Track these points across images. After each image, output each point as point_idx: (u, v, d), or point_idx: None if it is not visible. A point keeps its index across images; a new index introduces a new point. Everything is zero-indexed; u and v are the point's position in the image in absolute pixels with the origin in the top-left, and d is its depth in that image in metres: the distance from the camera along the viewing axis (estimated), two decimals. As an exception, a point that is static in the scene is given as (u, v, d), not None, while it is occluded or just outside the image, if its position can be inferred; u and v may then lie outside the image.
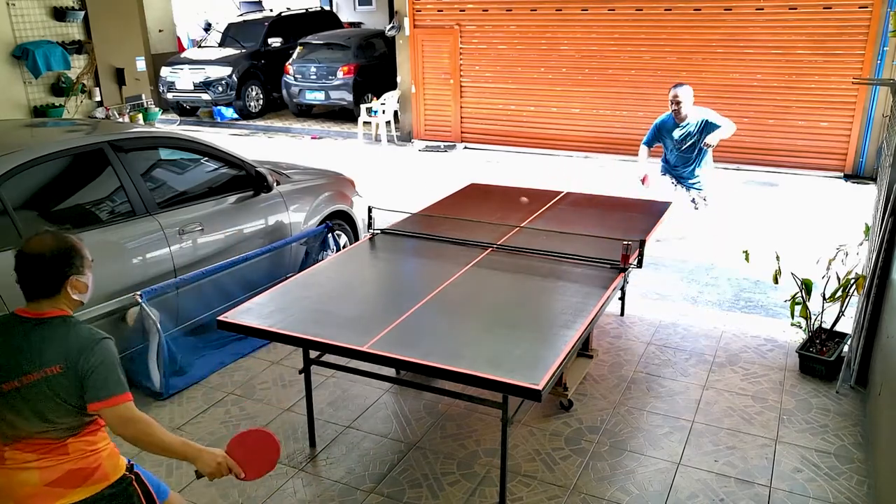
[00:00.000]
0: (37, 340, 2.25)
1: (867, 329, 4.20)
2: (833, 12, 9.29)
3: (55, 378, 2.21)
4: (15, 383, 2.23)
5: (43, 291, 2.28)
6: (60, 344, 2.24)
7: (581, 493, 3.44)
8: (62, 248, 2.31)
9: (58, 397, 2.22)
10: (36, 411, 2.23)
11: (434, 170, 10.77)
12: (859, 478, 3.51)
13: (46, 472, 2.25)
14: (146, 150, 4.71)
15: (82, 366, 2.22)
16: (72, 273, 2.31)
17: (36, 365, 2.22)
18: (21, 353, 2.24)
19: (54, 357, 2.22)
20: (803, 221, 7.85)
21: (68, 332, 2.27)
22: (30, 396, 2.22)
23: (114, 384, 2.24)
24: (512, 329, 3.38)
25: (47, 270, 2.27)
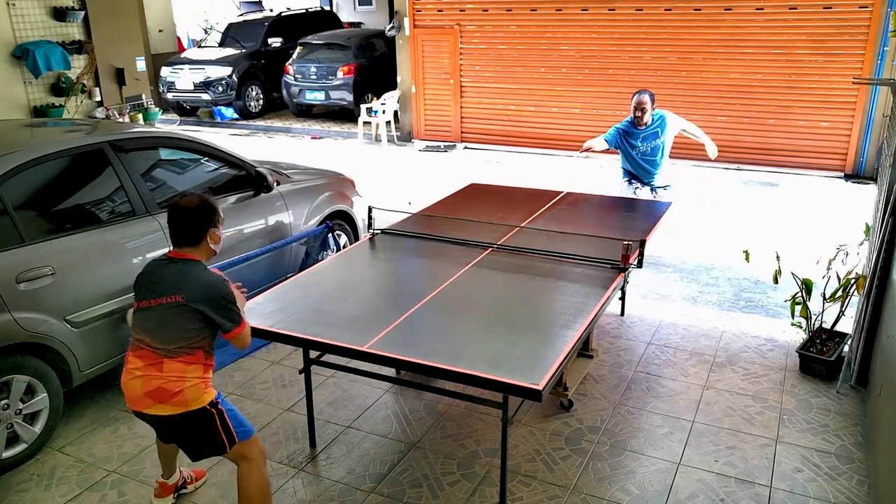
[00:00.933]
0: (171, 274, 2.85)
1: (867, 329, 4.20)
2: (833, 12, 9.29)
3: (177, 305, 2.79)
4: (149, 302, 2.85)
5: (188, 240, 2.88)
6: (187, 280, 2.82)
7: (581, 493, 3.43)
8: (206, 205, 2.91)
9: (172, 324, 2.80)
10: (157, 326, 2.81)
11: (434, 170, 10.77)
12: (860, 478, 3.51)
13: (145, 382, 2.81)
14: (146, 150, 4.70)
15: (202, 306, 2.79)
16: (211, 226, 2.91)
17: (165, 292, 2.82)
18: (158, 281, 2.86)
19: (179, 289, 2.80)
20: (803, 221, 7.85)
21: (197, 273, 2.85)
22: (155, 316, 2.82)
23: (232, 315, 2.86)
24: (512, 329, 3.38)
25: (194, 222, 2.87)
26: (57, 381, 3.81)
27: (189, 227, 2.87)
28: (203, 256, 2.92)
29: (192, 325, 2.82)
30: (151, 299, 2.84)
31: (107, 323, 4.03)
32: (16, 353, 3.61)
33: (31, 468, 3.67)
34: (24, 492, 3.50)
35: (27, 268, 3.65)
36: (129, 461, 3.71)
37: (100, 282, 4.00)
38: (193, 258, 2.89)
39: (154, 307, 2.83)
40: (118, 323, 4.10)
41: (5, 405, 3.58)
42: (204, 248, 2.92)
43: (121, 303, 4.08)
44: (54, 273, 3.75)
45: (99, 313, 3.97)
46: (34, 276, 3.67)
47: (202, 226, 2.89)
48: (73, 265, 3.88)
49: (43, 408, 3.76)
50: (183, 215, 2.87)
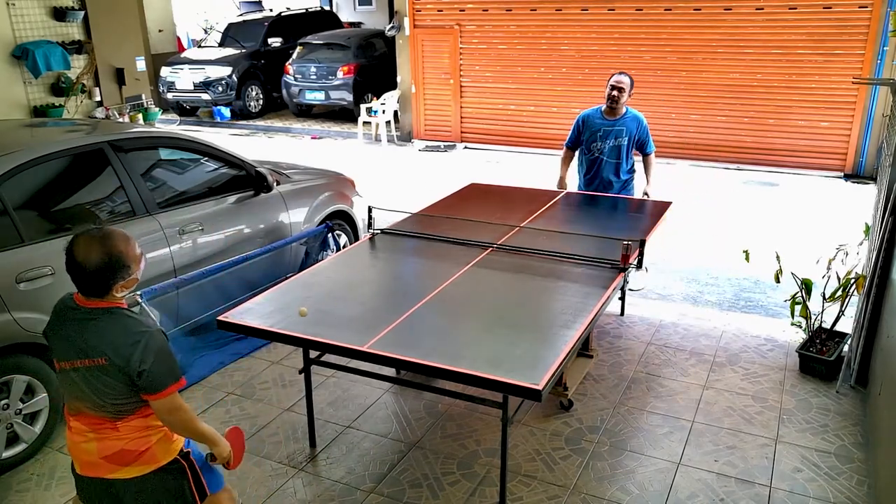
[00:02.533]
0: (84, 331, 2.34)
1: (867, 329, 4.20)
2: (833, 12, 9.29)
3: (102, 368, 2.31)
4: (68, 364, 2.37)
5: (92, 293, 2.35)
6: (105, 337, 2.32)
7: (581, 492, 3.43)
8: (106, 261, 2.30)
9: (105, 385, 2.32)
10: (88, 392, 2.35)
11: (434, 170, 10.77)
12: (859, 477, 3.51)
13: (102, 446, 2.38)
14: (146, 150, 4.71)
15: (132, 362, 2.28)
16: (117, 282, 2.35)
17: (84, 354, 2.33)
18: (70, 340, 2.36)
19: (100, 349, 2.31)
20: (803, 221, 7.85)
21: (115, 326, 2.33)
22: (81, 378, 2.34)
23: (165, 376, 2.33)
24: (512, 329, 3.38)
25: (93, 280, 2.32)
26: (57, 381, 3.81)
27: (88, 283, 2.33)
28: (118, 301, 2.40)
29: (126, 387, 2.32)
30: (69, 360, 2.35)
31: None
32: (16, 352, 3.61)
33: (31, 468, 3.67)
34: (24, 492, 3.51)
35: (27, 268, 3.66)
36: None
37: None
38: (107, 305, 2.36)
39: (77, 369, 2.34)
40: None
41: (5, 405, 3.58)
42: (113, 294, 2.37)
43: (121, 303, 4.07)
44: (54, 273, 3.75)
45: (99, 313, 3.97)
46: (34, 276, 3.67)
47: (103, 283, 2.33)
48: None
49: (43, 408, 3.76)
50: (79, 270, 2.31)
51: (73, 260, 2.32)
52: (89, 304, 2.37)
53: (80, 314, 2.37)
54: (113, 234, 2.35)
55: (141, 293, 4.08)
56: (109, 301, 2.38)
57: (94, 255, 2.29)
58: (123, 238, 2.37)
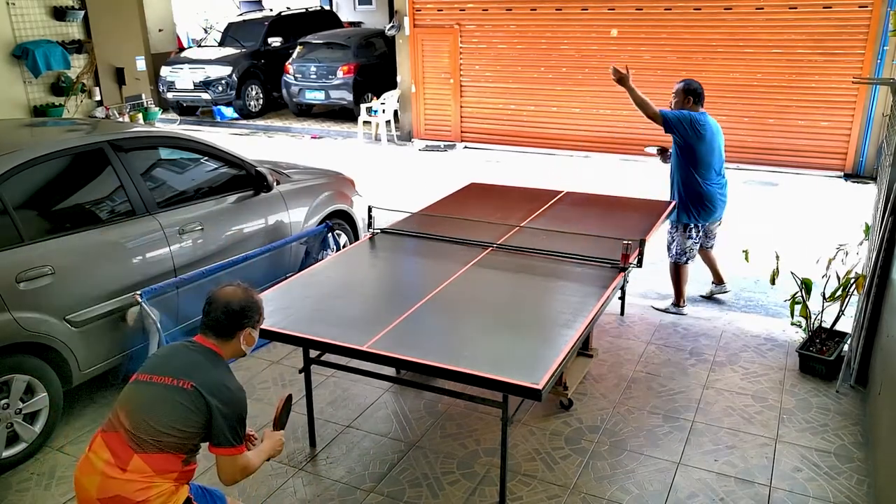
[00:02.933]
0: (189, 357, 2.52)
1: (867, 328, 4.20)
2: (833, 12, 9.29)
3: (181, 391, 2.40)
4: (147, 377, 2.47)
5: (218, 332, 2.56)
6: (204, 372, 2.46)
7: (581, 492, 3.44)
8: (248, 302, 2.61)
9: (169, 408, 2.38)
10: (142, 407, 2.40)
11: (434, 169, 10.77)
12: (859, 477, 3.51)
13: (102, 484, 2.34)
14: (146, 149, 4.70)
15: (212, 403, 2.40)
16: (248, 325, 2.61)
17: (174, 373, 2.44)
18: (170, 360, 2.52)
19: (192, 376, 2.43)
20: (803, 221, 7.85)
21: (217, 368, 2.51)
22: (150, 393, 2.42)
23: (231, 436, 2.44)
24: (512, 328, 3.38)
25: (230, 317, 2.56)
26: (57, 380, 3.82)
27: (224, 320, 2.55)
28: (228, 353, 2.60)
29: (187, 419, 2.38)
30: (154, 375, 2.47)
31: (107, 323, 4.03)
32: (16, 352, 3.61)
33: (31, 467, 3.67)
34: (24, 491, 3.51)
35: (27, 267, 3.65)
36: None
37: (100, 281, 4.00)
38: (218, 351, 2.57)
39: (154, 384, 2.44)
40: (118, 323, 4.10)
41: (5, 405, 3.58)
42: (233, 345, 2.60)
43: (121, 302, 4.08)
44: (54, 273, 3.75)
45: (99, 313, 3.97)
46: (34, 276, 3.67)
47: (238, 322, 2.58)
48: (72, 265, 3.88)
49: (43, 407, 3.76)
50: (222, 307, 2.56)
51: (216, 297, 2.59)
52: (205, 342, 2.57)
53: (191, 346, 2.57)
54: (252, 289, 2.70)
55: (141, 293, 4.08)
56: (223, 348, 2.58)
57: (238, 294, 2.60)
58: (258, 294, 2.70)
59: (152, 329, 4.15)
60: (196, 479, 2.72)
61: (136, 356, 4.25)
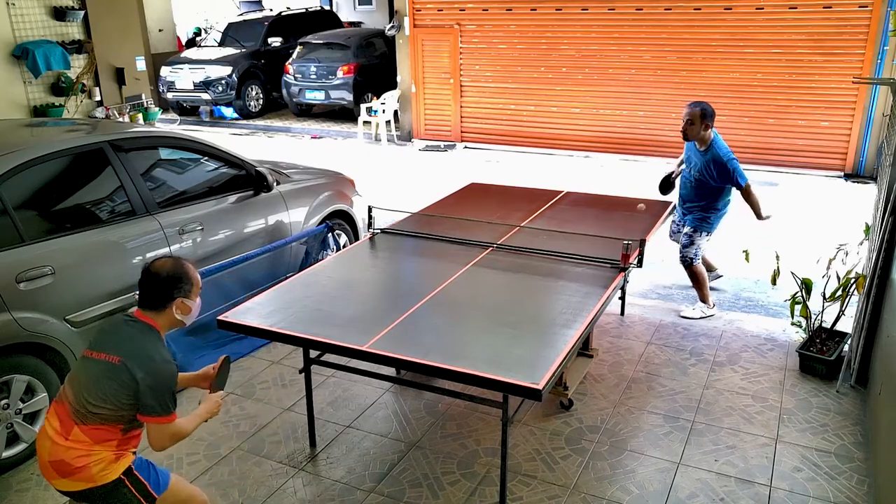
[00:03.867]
0: (123, 332, 2.63)
1: (867, 328, 4.20)
2: (833, 12, 9.29)
3: (111, 366, 2.52)
4: (90, 353, 2.61)
5: (151, 304, 2.65)
6: (133, 344, 2.57)
7: (581, 492, 3.43)
8: (178, 272, 2.67)
9: (101, 381, 2.51)
10: (83, 383, 2.54)
11: (434, 169, 10.77)
12: (860, 477, 3.51)
13: (52, 448, 2.53)
14: (146, 149, 4.70)
15: (138, 375, 2.50)
16: (181, 295, 2.66)
17: (107, 348, 2.57)
18: (107, 336, 2.64)
19: (120, 350, 2.54)
20: (803, 221, 7.85)
21: (145, 340, 2.59)
22: (88, 369, 2.57)
23: (160, 404, 2.53)
24: (512, 328, 3.38)
25: (160, 287, 2.63)
26: (57, 380, 3.81)
27: (154, 292, 2.64)
28: (164, 325, 2.67)
29: (117, 393, 2.49)
30: (94, 351, 2.60)
31: (107, 323, 4.03)
32: (16, 352, 3.61)
33: (31, 468, 3.66)
34: (24, 491, 3.50)
35: (27, 267, 3.65)
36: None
37: (99, 281, 4.00)
38: (152, 324, 2.64)
39: (93, 360, 2.58)
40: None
41: (5, 405, 3.58)
42: (167, 315, 2.65)
43: (121, 302, 4.08)
44: (54, 273, 3.75)
45: (99, 313, 3.97)
46: (34, 276, 3.67)
47: (168, 292, 2.64)
48: (72, 265, 3.88)
49: (43, 407, 3.75)
50: (151, 279, 2.64)
51: (146, 271, 2.66)
52: (142, 317, 2.65)
53: (128, 320, 2.67)
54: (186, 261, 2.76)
55: (141, 293, 4.09)
56: (158, 319, 2.65)
57: (168, 266, 2.67)
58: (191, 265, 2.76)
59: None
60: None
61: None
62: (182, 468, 3.63)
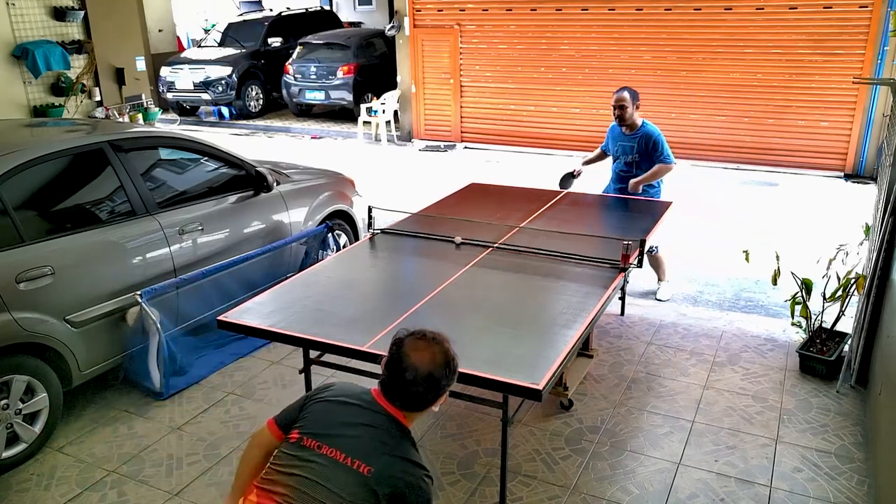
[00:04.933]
0: (368, 429, 2.06)
1: (867, 329, 4.20)
2: (833, 12, 9.29)
3: (355, 475, 1.99)
4: (315, 444, 2.06)
5: (410, 405, 2.09)
6: (386, 453, 2.03)
7: (581, 492, 3.43)
8: (451, 364, 2.11)
9: (334, 492, 1.98)
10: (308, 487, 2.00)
11: (434, 170, 10.77)
12: (860, 477, 3.51)
13: None
14: (146, 149, 4.70)
15: (394, 495, 1.99)
16: (444, 391, 2.11)
17: (349, 450, 2.02)
18: (346, 427, 2.07)
19: (371, 458, 2.01)
20: (803, 221, 7.85)
21: (400, 449, 2.05)
22: (313, 465, 2.03)
23: None
24: (512, 329, 3.37)
25: (430, 388, 2.06)
26: (57, 380, 3.82)
27: (422, 392, 2.07)
28: (413, 422, 2.15)
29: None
30: (326, 446, 2.04)
31: (107, 323, 4.03)
32: (16, 352, 3.61)
33: (31, 468, 3.66)
34: (24, 491, 3.50)
35: (27, 268, 3.65)
36: (128, 461, 3.71)
37: (99, 282, 4.00)
38: (405, 423, 2.10)
39: (325, 458, 2.03)
40: (118, 323, 4.10)
41: (5, 405, 3.58)
42: (423, 415, 2.17)
43: (120, 303, 4.08)
44: (54, 273, 3.75)
45: (99, 313, 3.97)
46: (34, 276, 3.67)
47: (438, 392, 2.09)
48: (72, 265, 3.88)
49: (43, 408, 3.76)
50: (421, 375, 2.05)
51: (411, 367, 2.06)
52: (389, 408, 2.10)
53: (372, 409, 2.10)
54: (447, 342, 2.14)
55: (141, 293, 4.09)
56: (411, 419, 2.12)
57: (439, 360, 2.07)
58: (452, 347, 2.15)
59: (152, 329, 4.16)
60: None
61: (136, 357, 4.25)
62: (182, 468, 3.63)
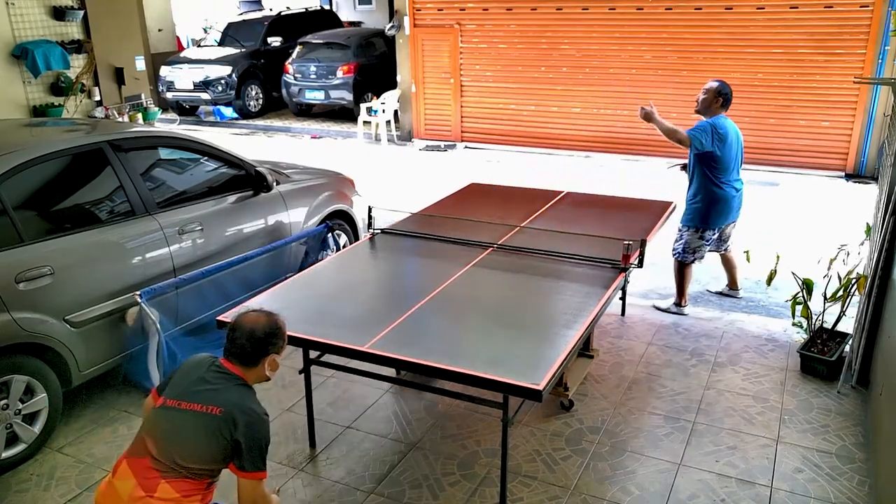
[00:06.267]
0: (216, 383, 2.50)
1: (868, 329, 4.19)
2: (834, 11, 9.28)
3: (211, 417, 2.42)
4: (176, 402, 2.47)
5: (243, 360, 2.55)
6: (232, 397, 2.47)
7: (582, 493, 3.43)
8: (272, 328, 2.59)
9: (199, 437, 2.41)
10: (171, 436, 2.42)
11: (434, 169, 10.76)
12: (860, 478, 3.50)
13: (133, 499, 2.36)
14: (146, 149, 4.70)
15: (240, 428, 2.41)
16: (273, 352, 2.58)
17: (203, 399, 2.45)
18: (198, 384, 2.50)
19: (219, 401, 2.45)
20: (804, 221, 7.84)
21: (243, 395, 2.51)
22: (178, 422, 2.44)
23: (258, 460, 2.44)
24: (512, 329, 3.37)
25: (255, 344, 2.54)
26: (56, 381, 3.81)
27: (249, 348, 2.54)
28: (252, 380, 2.58)
29: (217, 446, 2.41)
30: (183, 401, 2.46)
31: (106, 323, 4.02)
32: (15, 353, 3.60)
33: (31, 468, 3.66)
34: (24, 492, 3.50)
35: (26, 268, 3.64)
36: None
37: (99, 282, 3.99)
38: (244, 378, 2.55)
39: (183, 411, 2.44)
40: (118, 323, 4.09)
41: (5, 405, 3.57)
42: (258, 371, 2.58)
43: (120, 303, 4.07)
44: (53, 273, 3.74)
45: (98, 313, 3.96)
46: (33, 276, 3.66)
47: (263, 349, 2.56)
48: (72, 265, 3.87)
49: (42, 408, 3.75)
50: (246, 334, 2.55)
51: (240, 325, 2.57)
52: (233, 368, 2.54)
53: (218, 369, 2.54)
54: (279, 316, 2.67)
55: (140, 293, 4.08)
56: (249, 374, 2.56)
57: (262, 321, 2.58)
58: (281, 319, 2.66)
59: (152, 329, 4.15)
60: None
61: (136, 357, 4.25)
62: None
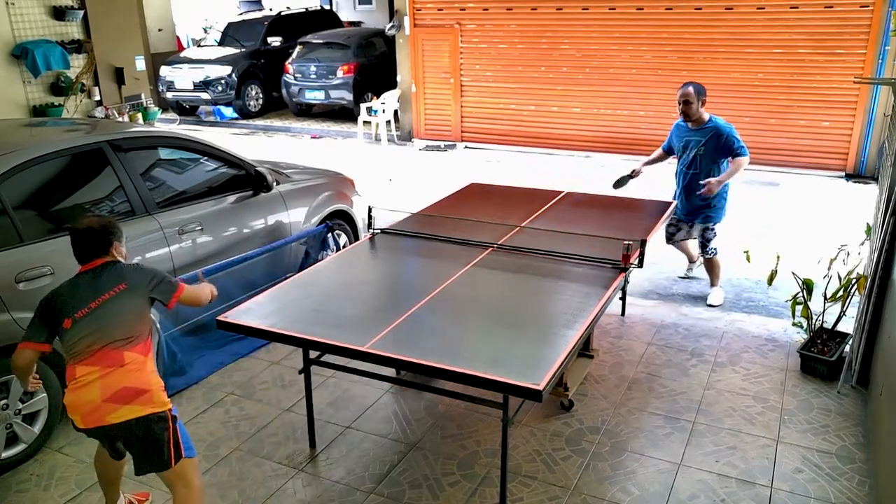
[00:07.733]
0: (96, 280, 2.87)
1: (868, 329, 4.19)
2: (834, 11, 9.28)
3: (124, 292, 2.86)
4: (86, 310, 2.80)
5: (97, 251, 2.92)
6: (119, 273, 2.91)
7: (582, 493, 3.43)
8: (104, 221, 3.01)
9: (126, 306, 2.85)
10: (107, 321, 2.80)
11: (434, 169, 10.76)
12: (861, 478, 3.50)
13: (105, 385, 2.72)
14: (145, 149, 4.70)
15: (144, 281, 2.93)
16: (115, 239, 2.98)
17: (104, 291, 2.84)
18: (88, 289, 2.85)
19: (117, 281, 2.88)
20: (805, 221, 7.84)
21: (121, 267, 2.95)
22: (103, 313, 2.81)
23: (167, 282, 3.00)
24: (512, 329, 3.37)
25: (98, 238, 2.92)
26: (56, 381, 3.80)
27: (95, 242, 2.92)
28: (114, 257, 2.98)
29: (141, 307, 2.89)
30: (91, 302, 2.82)
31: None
32: (15, 353, 3.59)
33: (31, 468, 3.66)
34: (24, 492, 3.50)
35: (26, 267, 3.65)
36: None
37: (99, 282, 3.98)
38: (109, 259, 2.95)
39: (98, 306, 2.82)
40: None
41: (5, 405, 3.57)
42: (112, 254, 2.97)
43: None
44: (53, 273, 3.74)
45: (98, 313, 3.96)
46: (33, 276, 3.67)
47: (106, 239, 2.94)
48: (72, 265, 3.85)
49: (42, 408, 3.75)
50: (89, 234, 2.92)
51: (78, 230, 2.92)
52: (94, 264, 2.90)
53: (90, 274, 2.89)
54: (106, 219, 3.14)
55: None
56: (110, 257, 2.95)
57: (94, 220, 2.98)
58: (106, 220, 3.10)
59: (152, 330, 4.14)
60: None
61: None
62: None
